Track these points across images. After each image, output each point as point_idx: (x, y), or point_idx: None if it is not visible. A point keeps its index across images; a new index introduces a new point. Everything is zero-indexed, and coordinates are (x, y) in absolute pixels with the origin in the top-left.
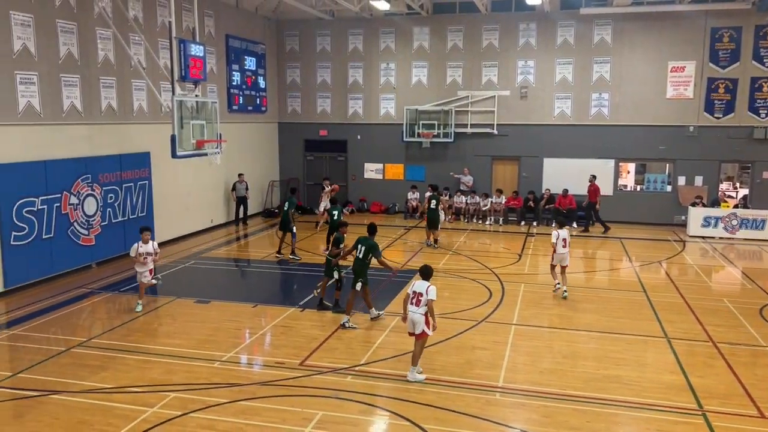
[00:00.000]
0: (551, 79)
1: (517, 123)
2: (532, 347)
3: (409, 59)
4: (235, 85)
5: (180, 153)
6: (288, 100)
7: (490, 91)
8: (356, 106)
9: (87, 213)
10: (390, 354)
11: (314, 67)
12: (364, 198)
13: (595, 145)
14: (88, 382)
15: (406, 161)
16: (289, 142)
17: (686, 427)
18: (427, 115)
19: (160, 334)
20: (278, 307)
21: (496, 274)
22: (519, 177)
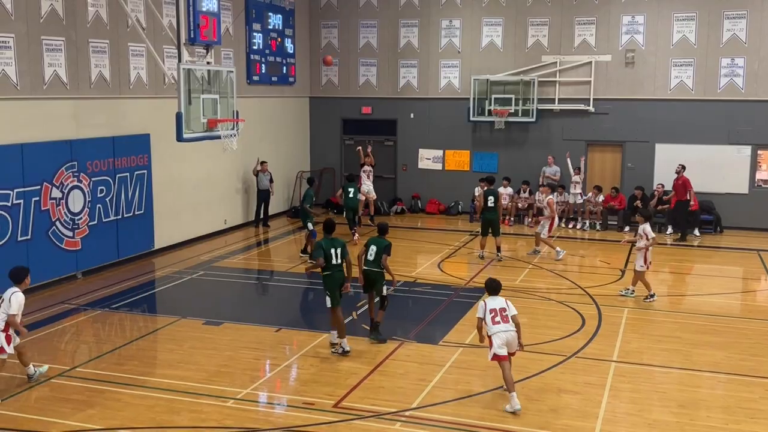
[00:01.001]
0: (667, 41)
1: (620, 98)
2: (637, 392)
3: (479, 14)
4: (256, 49)
5: (187, 135)
6: (322, 69)
7: (585, 56)
8: (409, 76)
9: (72, 210)
10: (451, 396)
11: (356, 26)
12: (417, 194)
13: (724, 127)
14: (70, 420)
15: (473, 147)
16: (323, 123)
17: None
18: (501, 87)
19: (161, 363)
20: (307, 332)
21: (590, 295)
22: (622, 168)
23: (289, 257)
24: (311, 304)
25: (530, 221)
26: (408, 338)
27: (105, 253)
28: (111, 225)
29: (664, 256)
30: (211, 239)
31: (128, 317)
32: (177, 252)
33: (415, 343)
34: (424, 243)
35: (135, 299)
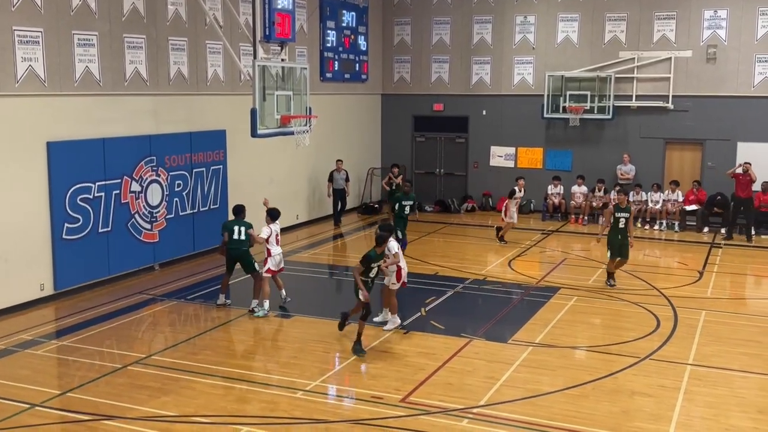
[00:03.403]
0: (751, 35)
1: (701, 94)
2: (714, 396)
3: (554, 10)
4: (329, 47)
5: (261, 131)
6: (395, 66)
7: (664, 52)
8: (482, 73)
9: (150, 203)
10: (519, 395)
11: (429, 22)
12: (488, 192)
13: None
14: (146, 407)
15: (546, 144)
16: (395, 119)
17: None
18: (576, 83)
19: (233, 353)
20: (376, 327)
21: (666, 297)
22: (702, 167)
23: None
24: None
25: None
26: (477, 336)
27: (181, 246)
28: (187, 218)
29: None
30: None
31: (202, 308)
32: None
33: (484, 341)
34: (495, 241)
35: (209, 291)
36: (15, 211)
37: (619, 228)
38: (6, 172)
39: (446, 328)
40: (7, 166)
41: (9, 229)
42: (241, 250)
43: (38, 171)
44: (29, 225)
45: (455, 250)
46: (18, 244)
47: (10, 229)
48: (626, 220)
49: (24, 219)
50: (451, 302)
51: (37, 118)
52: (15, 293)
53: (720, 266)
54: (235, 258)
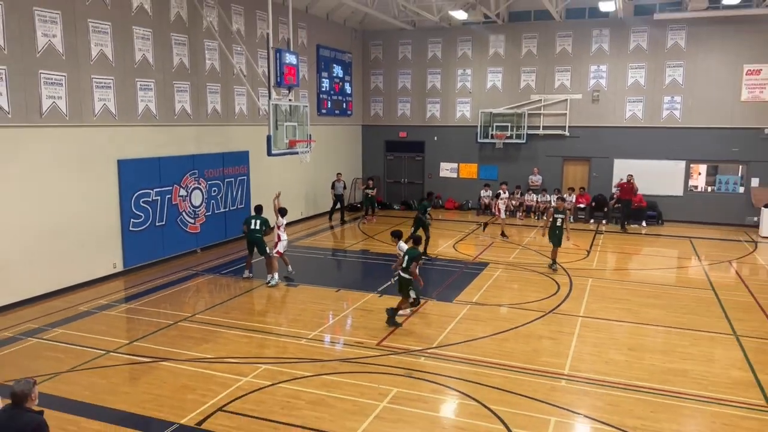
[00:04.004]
0: (623, 83)
1: (588, 125)
2: (598, 339)
3: (485, 65)
4: (324, 90)
5: (275, 152)
6: (371, 105)
7: (562, 95)
8: (434, 110)
9: (194, 204)
10: (461, 339)
11: (396, 73)
12: (439, 195)
13: (665, 147)
14: (192, 352)
15: (479, 161)
16: (372, 143)
17: (753, 422)
18: (500, 117)
19: (255, 312)
20: (359, 292)
21: (564, 268)
22: (589, 177)
23: (347, 238)
24: (361, 272)
25: (521, 215)
26: (431, 298)
27: (216, 234)
28: (221, 215)
29: (619, 242)
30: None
31: (232, 280)
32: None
33: (436, 301)
34: (444, 230)
35: (237, 267)
36: (94, 210)
37: (556, 225)
38: (88, 182)
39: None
40: (88, 177)
41: (90, 222)
42: (256, 236)
43: (111, 181)
44: (105, 220)
45: None
46: (97, 233)
47: (92, 224)
48: (562, 220)
49: (101, 215)
50: None
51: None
52: (94, 270)
53: (602, 247)
54: (252, 242)
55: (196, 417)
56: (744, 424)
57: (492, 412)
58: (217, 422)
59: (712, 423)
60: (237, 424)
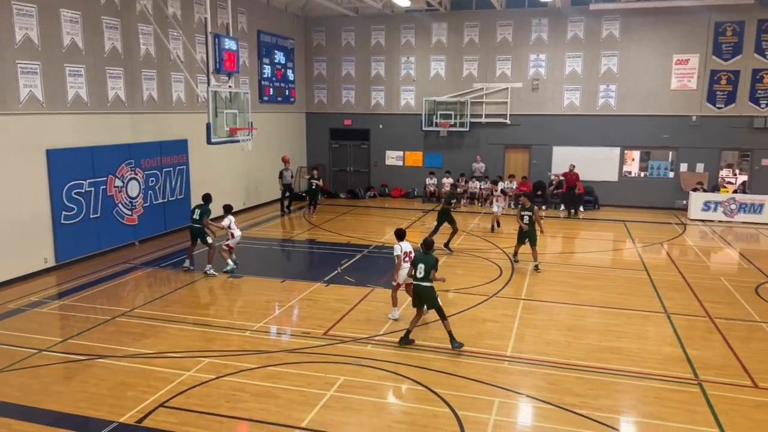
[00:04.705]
0: (561, 72)
1: (528, 113)
2: (538, 320)
3: (428, 53)
4: (265, 77)
5: (214, 140)
6: (315, 92)
7: (503, 84)
8: (378, 98)
9: (130, 195)
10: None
11: (339, 60)
12: (385, 183)
13: (601, 134)
14: (130, 348)
15: (424, 149)
16: (316, 131)
17: (683, 395)
18: (444, 105)
19: (197, 305)
20: (305, 282)
21: (506, 253)
22: (530, 164)
23: (292, 228)
24: (307, 262)
25: (465, 202)
26: (378, 285)
27: (155, 227)
28: (159, 206)
29: (559, 227)
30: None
31: (173, 273)
32: None
33: (383, 289)
34: (391, 218)
35: (178, 260)
36: (22, 203)
37: (524, 223)
38: (14, 173)
39: (356, 280)
40: (14, 168)
41: (18, 217)
42: (194, 227)
43: (39, 172)
44: (34, 213)
45: (362, 225)
46: (26, 228)
47: (20, 217)
48: (530, 218)
49: (30, 208)
50: (360, 262)
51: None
52: (23, 266)
53: None
54: (192, 233)
55: (136, 414)
56: (674, 397)
57: (438, 395)
58: (159, 419)
59: (645, 397)
60: (180, 419)
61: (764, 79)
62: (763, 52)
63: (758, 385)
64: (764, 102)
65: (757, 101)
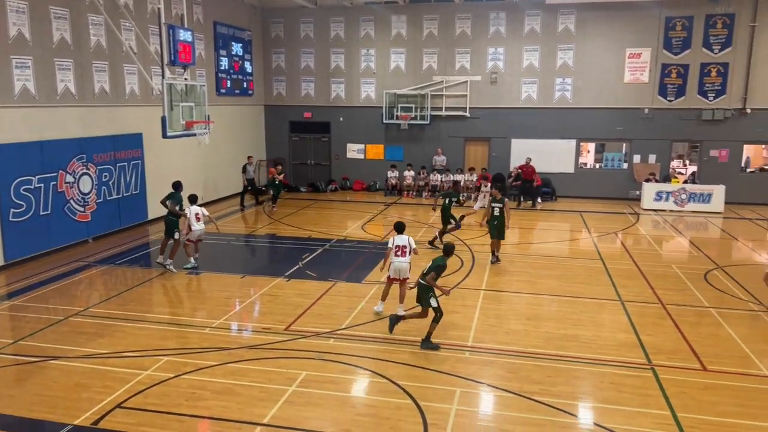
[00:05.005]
0: (519, 65)
1: (487, 106)
2: (499, 310)
3: (388, 46)
4: (222, 69)
5: (170, 133)
6: (273, 84)
7: (462, 77)
8: (338, 90)
9: (82, 191)
10: (369, 319)
11: (298, 52)
12: (346, 176)
13: (558, 127)
14: (85, 348)
15: (385, 142)
16: (275, 124)
17: (636, 380)
18: (405, 98)
19: (155, 303)
20: (265, 278)
21: (467, 245)
22: (489, 157)
23: (253, 223)
24: (267, 257)
25: (427, 195)
26: (340, 279)
27: (109, 223)
28: (114, 202)
29: (518, 218)
30: None
31: (129, 270)
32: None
33: (345, 282)
34: (353, 211)
35: (134, 257)
36: None
37: (494, 215)
38: None
39: (318, 275)
40: None
41: None
42: (168, 218)
43: None
44: None
45: (324, 219)
46: None
47: None
48: (500, 209)
49: None
50: (321, 256)
51: None
52: None
53: None
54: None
55: (92, 416)
56: (628, 382)
57: (400, 387)
58: (116, 420)
59: (601, 383)
60: (138, 420)
61: (711, 73)
62: (711, 46)
63: (707, 368)
64: (712, 95)
65: (705, 94)
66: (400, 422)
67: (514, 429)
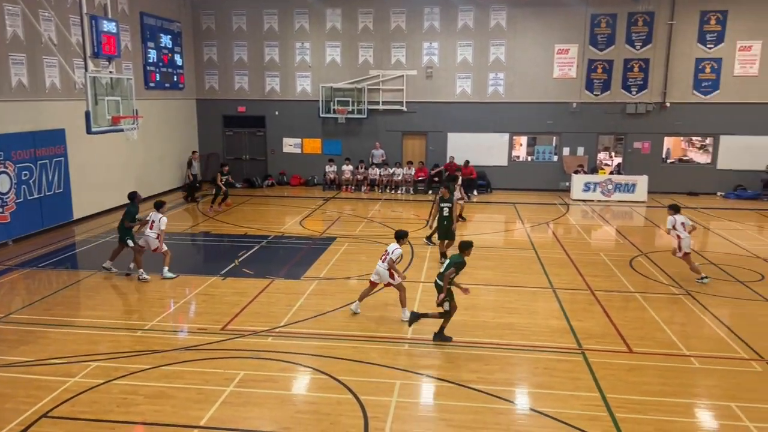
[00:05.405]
0: (453, 60)
1: (423, 100)
2: None
3: (323, 39)
4: (151, 62)
5: (95, 129)
6: (206, 78)
7: (398, 71)
8: (273, 84)
9: (0, 190)
10: (309, 315)
11: (231, 45)
12: (283, 171)
13: (492, 121)
14: (6, 356)
15: (323, 136)
16: (208, 118)
17: (568, 364)
18: (341, 92)
19: (82, 306)
20: (200, 277)
21: None
22: (426, 150)
23: (187, 220)
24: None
25: (365, 189)
26: (278, 276)
27: (31, 224)
28: (35, 201)
29: None
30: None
31: (54, 273)
32: (92, 221)
33: (283, 280)
34: (291, 207)
35: (59, 259)
36: None
37: (444, 215)
38: None
39: (255, 272)
40: None
41: None
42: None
43: None
44: None
45: (260, 215)
46: None
47: None
48: (450, 209)
49: None
50: (258, 254)
51: None
52: None
53: None
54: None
55: (16, 427)
56: (560, 367)
57: (341, 382)
58: (43, 430)
59: (535, 369)
60: (66, 429)
61: (634, 69)
62: (633, 43)
63: (632, 350)
64: (635, 89)
65: (629, 89)
66: (340, 417)
67: (452, 418)
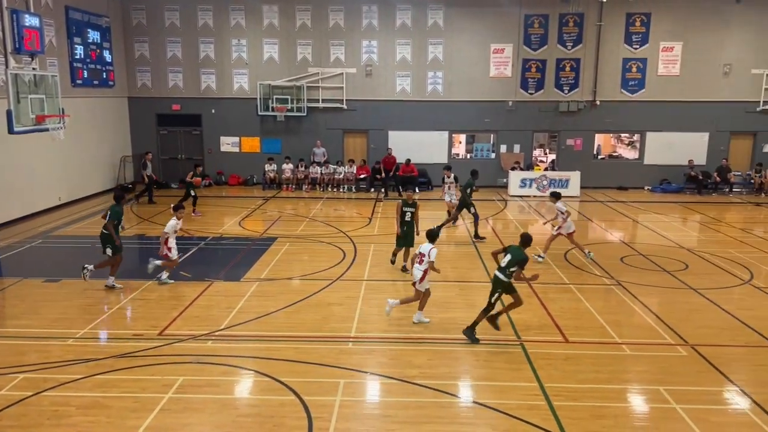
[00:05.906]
0: (392, 59)
1: (363, 99)
2: (380, 300)
3: (260, 36)
4: (78, 58)
5: (18, 129)
6: (137, 75)
7: (338, 69)
8: (209, 81)
9: None
10: (251, 317)
11: (164, 41)
12: (221, 171)
13: (431, 119)
14: None
15: (262, 134)
16: (141, 117)
17: (508, 356)
18: (280, 90)
19: (7, 315)
20: (135, 281)
21: (349, 237)
22: (368, 148)
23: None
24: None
25: (307, 188)
26: (217, 278)
27: None
28: None
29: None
30: (48, 213)
31: None
32: (16, 225)
33: (222, 282)
34: (229, 207)
35: None
36: None
37: (405, 221)
38: None
39: (193, 275)
40: None
41: None
42: (102, 233)
43: None
44: None
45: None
46: None
47: None
48: (412, 214)
49: None
50: (196, 255)
51: None
52: None
53: (381, 214)
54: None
55: None
56: (501, 359)
57: (284, 384)
58: None
59: (477, 361)
60: None
61: (566, 68)
62: (564, 43)
63: (568, 340)
64: (567, 88)
65: (561, 88)
66: (284, 419)
67: (397, 414)
